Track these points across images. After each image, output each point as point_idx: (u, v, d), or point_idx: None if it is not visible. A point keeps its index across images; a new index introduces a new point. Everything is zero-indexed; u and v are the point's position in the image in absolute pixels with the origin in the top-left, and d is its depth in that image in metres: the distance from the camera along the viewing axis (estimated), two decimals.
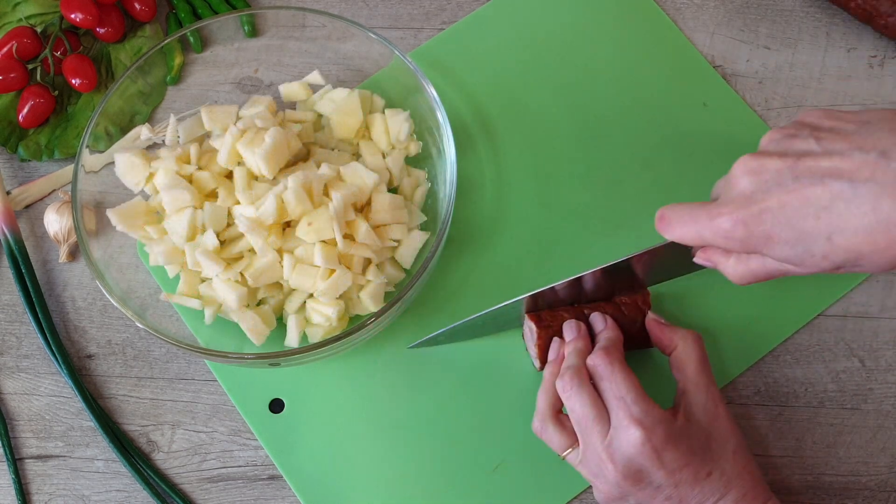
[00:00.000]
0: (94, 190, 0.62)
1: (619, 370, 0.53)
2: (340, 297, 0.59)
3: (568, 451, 0.54)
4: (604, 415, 0.52)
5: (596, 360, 0.54)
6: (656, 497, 0.51)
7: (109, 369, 0.64)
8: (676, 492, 0.51)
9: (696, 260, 0.51)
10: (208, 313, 0.60)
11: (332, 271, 0.58)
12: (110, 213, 0.60)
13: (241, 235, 0.59)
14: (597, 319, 0.59)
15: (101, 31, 0.71)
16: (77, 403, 0.64)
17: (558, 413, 0.56)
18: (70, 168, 0.69)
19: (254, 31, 0.71)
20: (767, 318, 0.64)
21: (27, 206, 0.69)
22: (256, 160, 0.59)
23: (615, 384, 0.52)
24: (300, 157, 0.64)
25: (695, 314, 0.64)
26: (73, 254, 0.67)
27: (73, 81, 0.69)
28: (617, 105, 0.70)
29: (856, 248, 0.42)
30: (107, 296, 0.57)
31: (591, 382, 0.54)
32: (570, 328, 0.58)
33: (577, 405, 0.53)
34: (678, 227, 0.48)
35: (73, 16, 0.68)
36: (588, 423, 0.53)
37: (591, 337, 0.58)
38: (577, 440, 0.54)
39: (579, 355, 0.56)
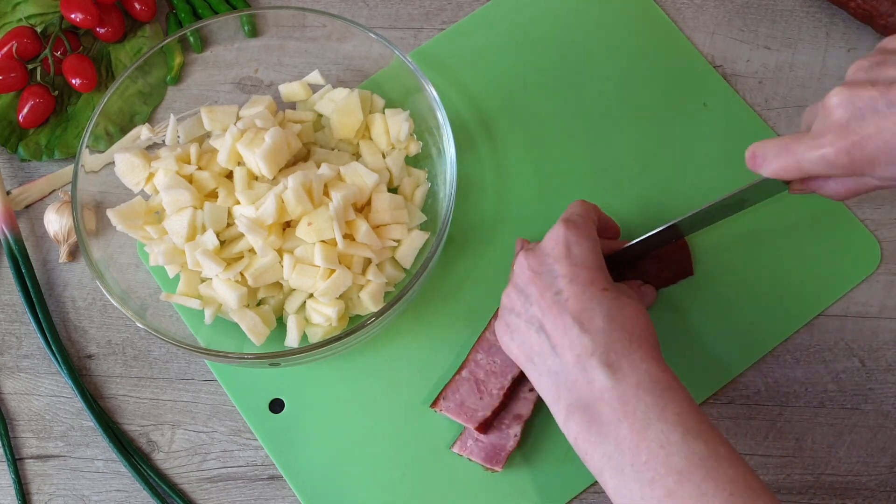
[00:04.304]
0: (94, 190, 0.62)
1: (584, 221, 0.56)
2: (340, 297, 0.59)
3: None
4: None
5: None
6: (548, 290, 0.52)
7: (109, 369, 0.64)
8: (569, 287, 0.51)
9: (792, 191, 0.53)
10: (208, 313, 0.60)
11: (332, 271, 0.58)
12: (110, 213, 0.60)
13: (241, 235, 0.59)
14: None
15: (101, 31, 0.71)
16: (77, 403, 0.64)
17: None
18: (70, 168, 0.69)
19: (254, 31, 0.71)
20: (767, 318, 0.64)
21: (27, 206, 0.69)
22: (256, 160, 0.59)
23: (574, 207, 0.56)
24: (300, 157, 0.64)
25: (695, 314, 0.64)
26: (73, 254, 0.67)
27: (73, 81, 0.69)
28: (617, 105, 0.70)
29: None
30: (107, 296, 0.57)
31: None
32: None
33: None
34: (775, 161, 0.50)
35: (73, 16, 0.68)
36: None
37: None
38: None
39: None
